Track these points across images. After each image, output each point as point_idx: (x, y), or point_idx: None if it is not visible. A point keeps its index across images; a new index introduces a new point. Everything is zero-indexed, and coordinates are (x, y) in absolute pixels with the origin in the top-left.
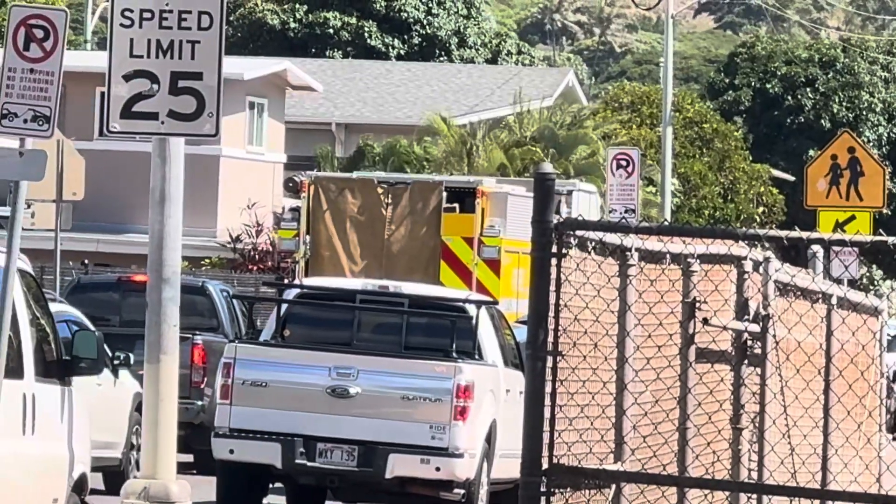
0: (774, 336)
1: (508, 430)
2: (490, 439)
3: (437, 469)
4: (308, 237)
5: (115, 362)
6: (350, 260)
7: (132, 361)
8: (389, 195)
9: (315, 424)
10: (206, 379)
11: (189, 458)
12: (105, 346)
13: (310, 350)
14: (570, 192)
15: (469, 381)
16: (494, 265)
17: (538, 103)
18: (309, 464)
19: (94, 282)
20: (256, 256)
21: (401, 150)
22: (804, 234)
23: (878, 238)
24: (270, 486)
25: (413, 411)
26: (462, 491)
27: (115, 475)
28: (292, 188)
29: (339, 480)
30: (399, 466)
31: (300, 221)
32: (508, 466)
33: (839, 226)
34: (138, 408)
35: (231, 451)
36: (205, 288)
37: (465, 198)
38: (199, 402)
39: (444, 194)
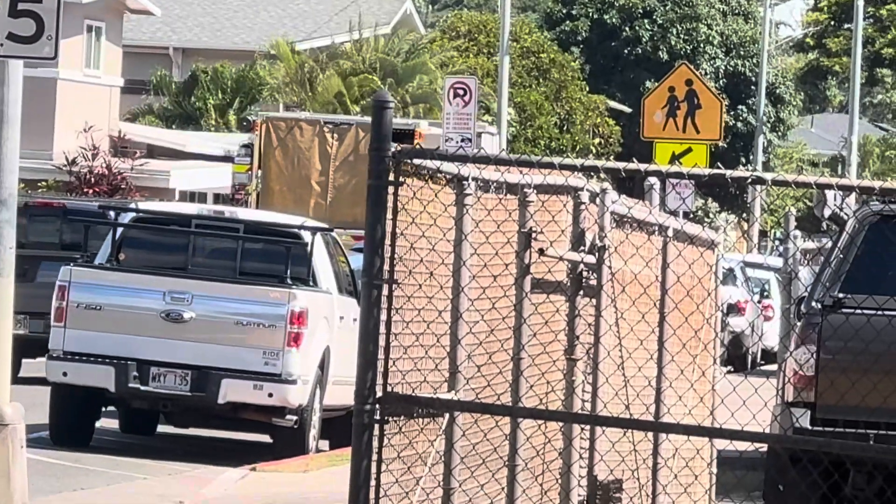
0: (610, 268)
1: (342, 357)
2: (323, 366)
3: (270, 395)
4: (260, 172)
5: None
6: (298, 192)
7: None
8: (335, 134)
9: (149, 349)
10: None
11: None
12: None
13: (144, 274)
14: (479, 135)
15: (303, 308)
16: None
17: (376, 30)
18: (142, 388)
19: None
20: (92, 180)
21: (228, 75)
22: (642, 166)
23: (715, 171)
24: (103, 409)
25: (246, 337)
26: (294, 417)
27: None
28: (246, 127)
29: (171, 405)
30: (232, 392)
31: (252, 157)
32: (341, 393)
33: (675, 158)
34: None
35: (64, 374)
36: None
37: (403, 138)
38: None
39: None
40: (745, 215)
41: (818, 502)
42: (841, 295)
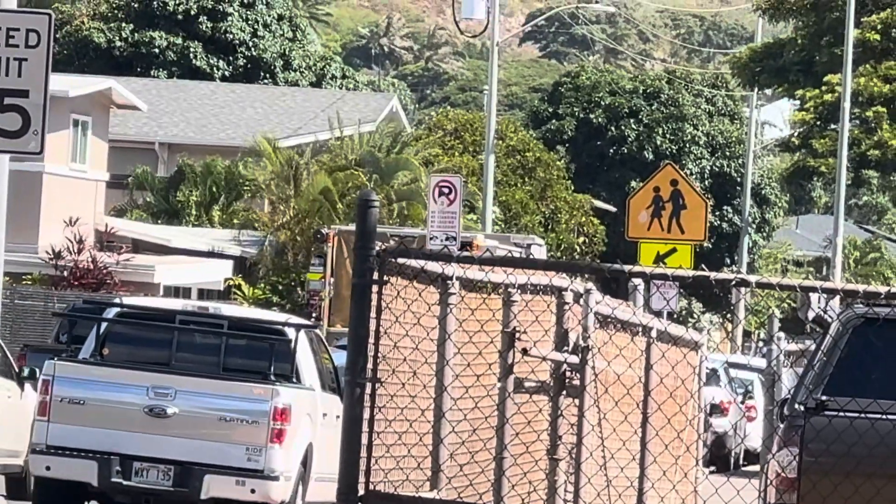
0: (593, 368)
1: (324, 454)
2: (306, 462)
3: (253, 491)
4: (332, 280)
5: (22, 375)
6: None
7: (38, 375)
8: (401, 245)
9: (132, 443)
10: None
11: None
12: (12, 360)
13: (128, 369)
14: (529, 246)
15: (286, 404)
16: None
17: (363, 127)
18: (125, 482)
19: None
20: (78, 273)
21: (217, 171)
22: (626, 268)
23: (699, 273)
24: (86, 503)
25: (230, 433)
26: None
27: (17, 481)
28: (320, 238)
29: (154, 500)
30: (214, 487)
31: (326, 266)
32: (323, 490)
33: (660, 258)
34: None
35: (48, 468)
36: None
37: (462, 249)
38: None
39: None
40: (729, 316)
41: None
42: (824, 398)
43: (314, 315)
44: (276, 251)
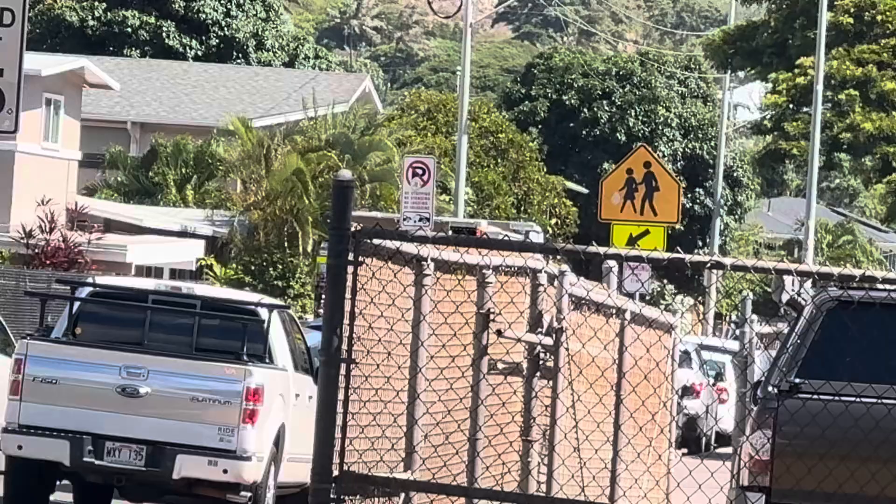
0: (567, 349)
1: (297, 435)
2: (278, 443)
3: (225, 471)
4: None
5: None
6: None
7: None
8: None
9: (104, 423)
10: None
11: None
12: (12, 338)
13: (101, 349)
14: (528, 233)
15: (259, 385)
16: None
17: (335, 108)
18: (97, 462)
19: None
20: (49, 252)
21: (188, 150)
22: (602, 250)
23: (675, 255)
24: (58, 483)
25: (202, 413)
26: (249, 494)
27: None
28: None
29: (126, 479)
30: (186, 467)
31: None
32: (296, 470)
33: (633, 240)
34: None
35: (19, 447)
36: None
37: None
38: None
39: (450, 232)
40: (700, 298)
41: None
42: (797, 380)
43: (323, 297)
44: (247, 231)
